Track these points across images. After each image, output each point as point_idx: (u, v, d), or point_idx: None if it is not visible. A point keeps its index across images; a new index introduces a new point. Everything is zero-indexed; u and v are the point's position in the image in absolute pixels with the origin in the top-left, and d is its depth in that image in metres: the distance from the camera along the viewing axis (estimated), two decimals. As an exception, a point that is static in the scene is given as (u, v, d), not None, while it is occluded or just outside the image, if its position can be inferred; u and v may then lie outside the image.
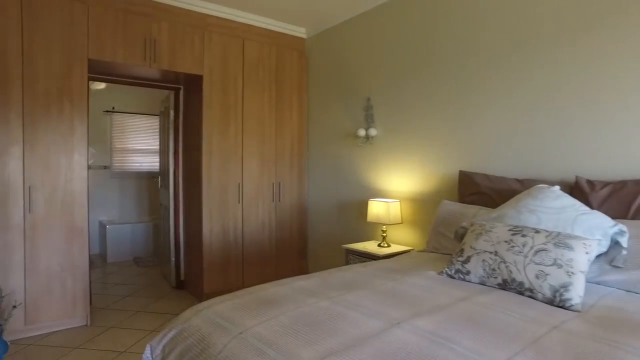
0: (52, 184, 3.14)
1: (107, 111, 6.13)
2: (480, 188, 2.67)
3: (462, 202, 2.76)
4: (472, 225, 2.12)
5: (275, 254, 4.32)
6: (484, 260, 1.83)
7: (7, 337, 3.02)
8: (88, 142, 3.43)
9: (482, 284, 1.83)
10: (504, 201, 2.46)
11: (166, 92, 4.46)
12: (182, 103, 4.34)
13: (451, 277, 1.94)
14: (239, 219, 4.06)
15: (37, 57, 3.07)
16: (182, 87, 4.33)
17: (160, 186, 4.84)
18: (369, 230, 3.78)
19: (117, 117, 6.24)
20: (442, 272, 1.99)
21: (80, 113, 3.25)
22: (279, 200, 4.32)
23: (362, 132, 3.70)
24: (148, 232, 5.92)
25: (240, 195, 4.05)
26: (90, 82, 5.97)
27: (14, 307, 2.99)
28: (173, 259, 4.35)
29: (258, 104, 4.17)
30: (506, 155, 2.74)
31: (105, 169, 6.19)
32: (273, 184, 4.27)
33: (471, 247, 1.92)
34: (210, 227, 3.88)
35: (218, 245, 3.94)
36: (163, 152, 4.71)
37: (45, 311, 3.15)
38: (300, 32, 4.53)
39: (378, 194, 3.69)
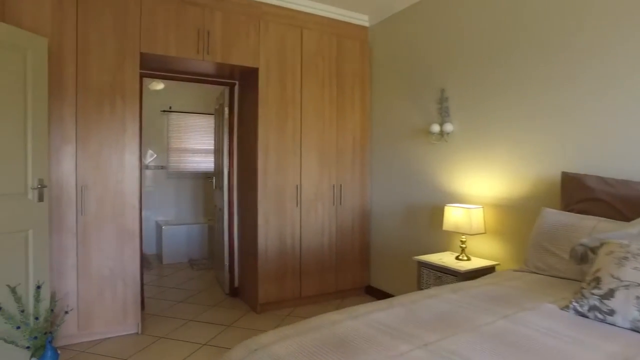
0: (104, 185, 2.98)
1: (164, 111, 6.07)
2: (595, 194, 2.14)
3: (569, 211, 2.25)
4: (603, 244, 1.62)
5: (335, 263, 3.96)
6: (638, 297, 1.35)
7: (60, 342, 2.89)
8: (141, 141, 3.25)
9: (636, 330, 1.35)
10: (634, 211, 1.92)
11: (221, 88, 4.24)
12: (237, 99, 4.09)
13: (583, 315, 1.46)
14: (297, 223, 3.74)
15: (90, 51, 2.92)
16: (236, 82, 4.09)
17: (215, 187, 4.64)
18: (443, 239, 3.31)
19: (173, 117, 6.17)
20: (567, 307, 1.51)
21: (132, 110, 3.07)
22: (340, 204, 3.96)
23: (435, 128, 3.24)
24: (203, 233, 5.78)
25: (299, 198, 3.73)
26: (149, 82, 5.95)
27: (66, 312, 2.85)
28: (227, 264, 4.12)
29: (317, 99, 3.83)
30: (628, 152, 2.19)
31: (162, 169, 6.13)
32: (333, 185, 3.92)
33: (612, 276, 1.43)
34: (266, 232, 3.59)
35: (274, 252, 3.64)
36: (218, 152, 4.50)
37: (97, 317, 2.99)
38: (362, 19, 4.13)
39: (455, 198, 3.22)
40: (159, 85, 6.02)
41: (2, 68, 2.41)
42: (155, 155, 6.08)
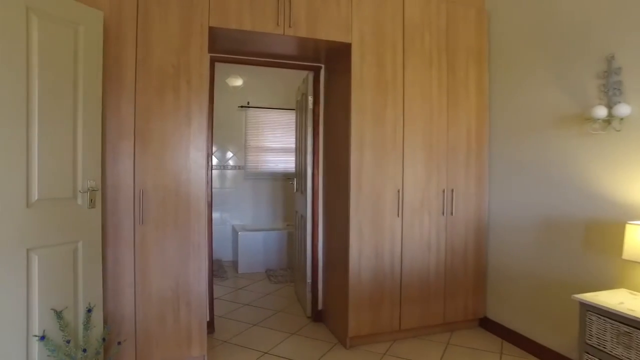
0: (165, 187, 2.46)
1: (242, 106, 5.63)
2: None
3: None
4: None
5: (444, 288, 3.13)
6: None
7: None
8: (211, 136, 2.71)
9: None
10: None
11: (303, 74, 3.61)
12: (323, 86, 3.43)
13: None
14: (398, 237, 2.98)
15: (151, 28, 2.41)
16: (322, 65, 3.43)
17: (296, 190, 4.03)
18: (612, 270, 2.35)
19: (251, 113, 5.71)
20: None
21: (198, 97, 2.52)
22: (451, 214, 3.12)
23: (600, 112, 2.30)
24: (282, 241, 5.23)
25: (400, 206, 2.97)
26: (227, 76, 5.56)
27: (119, 343, 2.36)
28: (309, 281, 3.47)
29: (423, 82, 3.04)
30: None
31: (238, 169, 5.70)
32: (443, 190, 3.10)
33: None
34: (359, 247, 2.88)
35: (368, 272, 2.91)
36: (299, 150, 3.88)
37: (156, 346, 2.47)
38: (479, -19, 3.27)
39: (636, 212, 2.25)
40: (237, 81, 5.61)
41: (48, 46, 1.95)
42: (233, 155, 5.66)
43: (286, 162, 5.84)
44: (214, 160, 5.57)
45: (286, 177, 5.83)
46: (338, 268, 3.07)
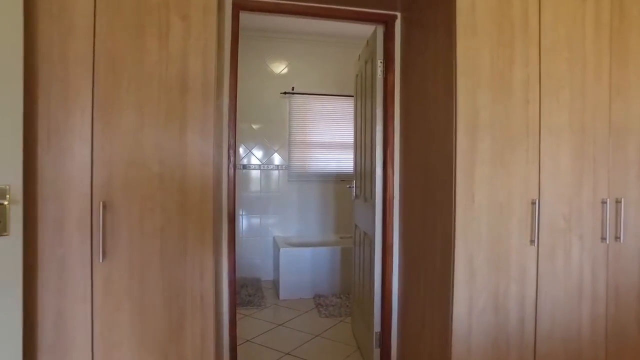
0: (143, 195, 1.46)
1: (285, 93, 4.63)
2: None
3: None
4: None
5: (605, 356, 1.93)
6: None
7: None
8: (233, 119, 1.71)
9: None
10: None
11: (368, 31, 2.53)
12: (400, 45, 2.33)
13: None
14: (531, 276, 1.81)
15: None
16: (398, 14, 2.33)
17: (356, 196, 2.96)
18: None
19: (297, 101, 4.69)
20: None
21: (201, 45, 1.49)
22: (617, 238, 1.91)
23: None
24: (334, 259, 4.16)
25: (535, 227, 1.81)
26: (270, 63, 4.59)
27: None
28: (377, 330, 2.38)
29: (569, 23, 1.85)
30: None
31: (281, 169, 4.70)
32: (603, 201, 1.89)
33: None
34: (469, 294, 1.75)
35: (483, 335, 1.77)
36: (361, 144, 2.81)
37: None
38: None
39: None
40: (281, 68, 4.63)
41: None
42: (275, 152, 4.67)
43: (339, 160, 4.78)
44: (253, 159, 4.61)
45: (340, 178, 4.75)
46: (430, 325, 1.96)
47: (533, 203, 1.79)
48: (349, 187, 3.37)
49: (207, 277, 1.49)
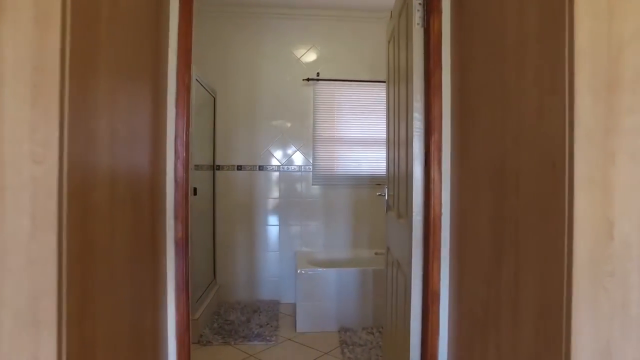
0: None
1: (308, 79, 3.86)
2: None
3: None
4: None
5: None
6: None
7: None
8: (185, 104, 0.96)
9: None
10: None
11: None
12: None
13: None
14: None
15: None
16: None
17: (387, 207, 2.14)
18: None
19: (321, 89, 3.92)
20: None
21: None
22: None
23: None
24: (366, 282, 3.32)
25: None
26: (295, 50, 3.86)
27: None
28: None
29: None
30: None
31: (303, 171, 3.93)
32: None
33: None
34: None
35: None
36: (393, 135, 1.98)
37: None
38: None
39: None
40: (309, 55, 3.89)
41: None
42: (296, 150, 3.92)
43: (374, 160, 3.95)
44: (272, 160, 3.88)
45: (375, 182, 3.92)
46: None
47: None
48: (380, 194, 2.54)
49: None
